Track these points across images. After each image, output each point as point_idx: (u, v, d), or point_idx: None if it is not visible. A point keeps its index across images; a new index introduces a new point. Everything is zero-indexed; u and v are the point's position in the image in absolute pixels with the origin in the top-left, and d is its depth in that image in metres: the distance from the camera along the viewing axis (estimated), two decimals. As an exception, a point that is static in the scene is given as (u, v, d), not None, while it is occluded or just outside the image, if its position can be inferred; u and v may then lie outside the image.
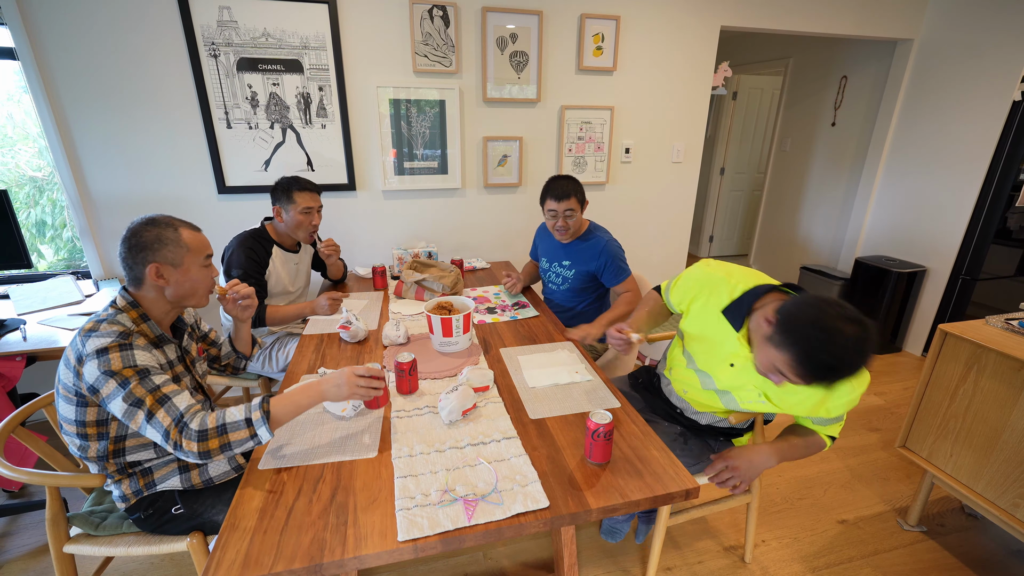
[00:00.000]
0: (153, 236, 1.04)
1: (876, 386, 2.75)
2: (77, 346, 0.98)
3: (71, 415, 1.01)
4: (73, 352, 0.98)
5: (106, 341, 0.96)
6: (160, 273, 1.05)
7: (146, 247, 1.03)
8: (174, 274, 1.07)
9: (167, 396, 0.98)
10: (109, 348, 0.96)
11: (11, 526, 1.75)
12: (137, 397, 0.95)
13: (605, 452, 1.02)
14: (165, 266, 1.05)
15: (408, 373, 1.27)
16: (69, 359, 0.99)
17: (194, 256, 1.09)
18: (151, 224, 1.05)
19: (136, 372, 0.97)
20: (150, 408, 0.96)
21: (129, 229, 1.05)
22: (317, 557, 0.81)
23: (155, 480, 1.13)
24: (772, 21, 2.71)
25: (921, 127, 3.01)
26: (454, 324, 1.48)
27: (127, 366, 0.96)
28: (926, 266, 3.03)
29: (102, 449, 1.05)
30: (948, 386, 1.57)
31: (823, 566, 1.61)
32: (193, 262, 1.09)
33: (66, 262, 2.42)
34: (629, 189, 2.88)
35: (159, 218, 1.07)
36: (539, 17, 2.40)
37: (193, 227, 1.12)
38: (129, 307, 1.06)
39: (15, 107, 2.18)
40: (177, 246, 1.06)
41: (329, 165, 2.38)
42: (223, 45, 2.10)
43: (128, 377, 0.96)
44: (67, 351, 1.00)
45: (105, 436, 1.04)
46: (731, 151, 4.90)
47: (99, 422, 1.02)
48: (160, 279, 1.05)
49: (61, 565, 1.17)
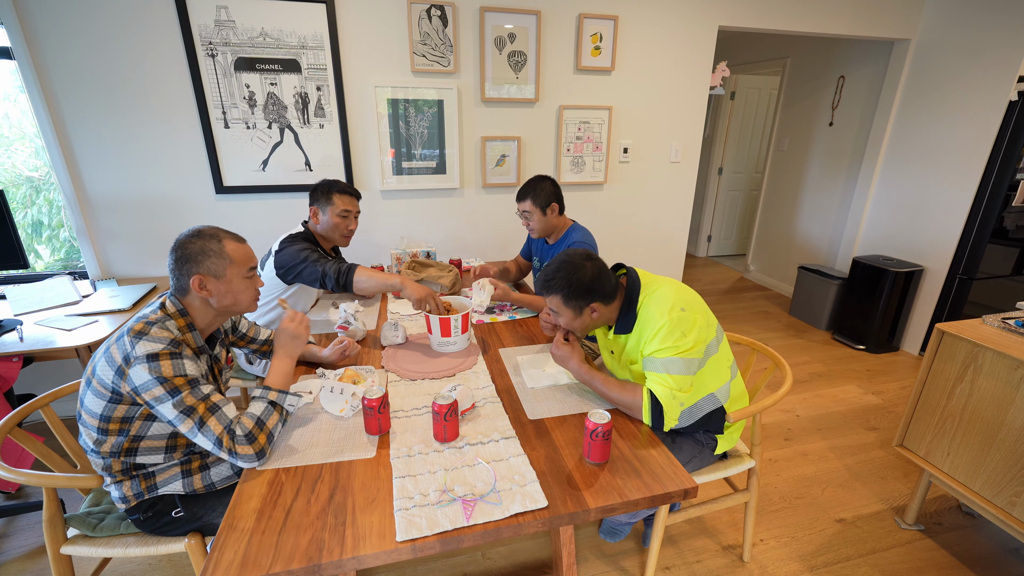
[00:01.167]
0: (197, 248, 1.07)
1: (874, 385, 2.76)
2: (125, 347, 0.98)
3: (97, 409, 1.02)
4: (120, 351, 0.99)
5: (157, 347, 0.98)
6: (203, 284, 1.08)
7: (190, 259, 1.07)
8: (217, 285, 1.10)
9: (217, 405, 1.02)
10: (160, 355, 0.98)
11: (8, 527, 1.75)
12: (188, 405, 0.99)
13: (604, 452, 1.03)
14: (208, 277, 1.08)
15: (378, 411, 1.09)
16: (114, 357, 0.99)
17: (237, 268, 1.11)
18: (196, 236, 1.09)
19: (187, 381, 1.00)
20: (202, 416, 0.99)
21: (177, 241, 1.08)
22: (315, 557, 0.81)
23: (157, 484, 1.13)
24: (770, 21, 2.72)
25: (918, 127, 3.02)
26: (452, 324, 1.48)
27: (178, 374, 0.99)
28: (923, 265, 3.04)
29: (116, 445, 1.05)
30: (945, 385, 1.58)
31: (821, 565, 1.62)
32: (236, 274, 1.12)
33: (63, 262, 2.42)
34: (627, 189, 2.88)
35: (205, 230, 1.10)
36: (537, 17, 2.40)
37: (238, 239, 1.14)
38: (178, 315, 1.08)
39: (11, 107, 2.17)
40: (220, 258, 1.09)
41: (327, 165, 2.38)
42: (221, 45, 2.10)
43: (179, 386, 0.99)
44: (111, 348, 1.00)
45: (124, 433, 1.05)
46: (729, 151, 4.91)
47: (124, 419, 1.03)
48: (203, 290, 1.08)
49: (58, 566, 1.17)
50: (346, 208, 1.78)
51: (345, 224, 1.80)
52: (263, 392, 1.09)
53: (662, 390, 1.15)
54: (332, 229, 1.79)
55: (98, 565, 1.35)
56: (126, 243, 2.26)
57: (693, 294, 1.27)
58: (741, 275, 4.71)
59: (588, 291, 1.21)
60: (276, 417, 1.07)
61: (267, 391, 1.09)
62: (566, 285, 1.21)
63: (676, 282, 1.29)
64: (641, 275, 1.30)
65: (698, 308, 1.23)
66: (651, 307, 1.21)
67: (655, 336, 1.18)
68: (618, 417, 1.20)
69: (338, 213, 1.77)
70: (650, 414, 1.16)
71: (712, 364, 1.26)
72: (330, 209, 1.76)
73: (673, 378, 1.15)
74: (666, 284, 1.26)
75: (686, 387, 1.17)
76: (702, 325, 1.21)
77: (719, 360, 1.28)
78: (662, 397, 1.14)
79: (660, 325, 1.17)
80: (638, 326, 1.24)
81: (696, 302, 1.25)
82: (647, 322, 1.21)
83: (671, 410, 1.15)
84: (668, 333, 1.16)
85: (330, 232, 1.80)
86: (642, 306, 1.24)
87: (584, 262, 1.23)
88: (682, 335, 1.16)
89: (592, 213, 2.87)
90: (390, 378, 1.38)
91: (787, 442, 2.24)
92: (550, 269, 1.25)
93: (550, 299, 1.26)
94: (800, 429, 2.34)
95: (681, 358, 1.16)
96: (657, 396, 1.15)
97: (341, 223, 1.79)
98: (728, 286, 4.43)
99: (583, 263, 1.23)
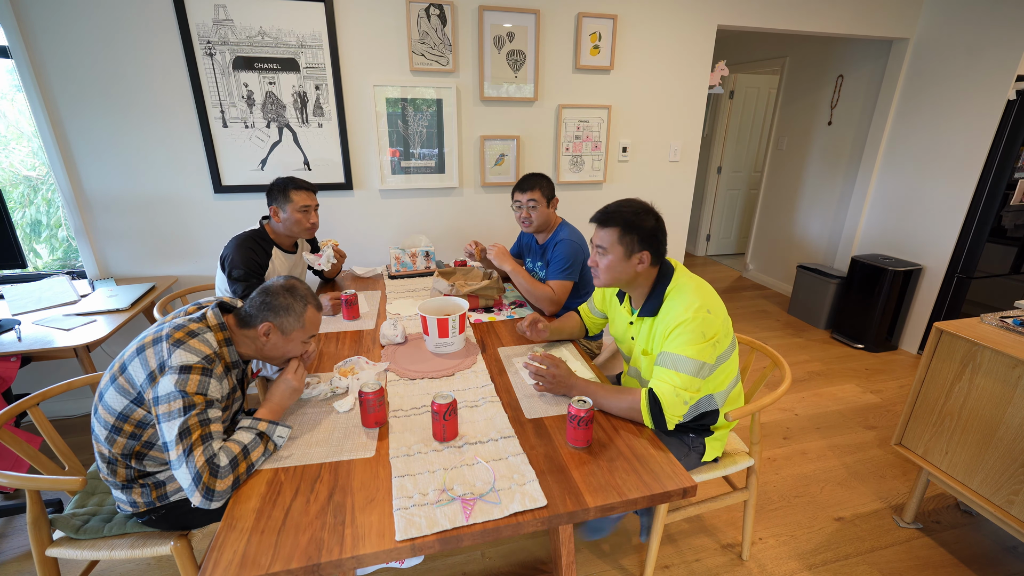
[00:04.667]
0: (285, 304, 1.13)
1: (872, 384, 2.77)
2: (162, 353, 0.98)
3: (117, 406, 1.01)
4: (156, 357, 0.98)
5: (193, 359, 0.98)
6: (268, 332, 1.12)
7: (272, 308, 1.12)
8: (278, 339, 1.14)
9: (211, 435, 0.98)
10: (193, 368, 0.98)
11: (6, 528, 1.74)
12: (189, 426, 0.95)
13: (586, 437, 1.08)
14: (276, 330, 1.13)
15: (376, 405, 1.12)
16: (148, 361, 0.98)
17: (303, 333, 1.17)
18: (289, 292, 1.14)
19: (204, 401, 0.99)
20: (193, 443, 0.94)
21: (272, 286, 1.14)
22: (315, 557, 0.81)
23: (168, 493, 1.13)
24: (769, 20, 2.72)
25: (917, 126, 3.02)
26: (450, 324, 1.47)
27: (199, 392, 0.98)
28: (922, 264, 3.04)
29: (128, 448, 1.04)
30: (944, 384, 1.58)
31: (820, 563, 1.62)
32: (299, 337, 1.17)
33: (61, 262, 2.41)
34: (626, 188, 2.88)
35: (299, 288, 1.16)
36: (536, 16, 2.40)
37: (318, 306, 1.20)
38: (218, 328, 1.09)
39: (9, 106, 2.17)
40: (297, 320, 1.14)
41: (326, 164, 2.38)
42: (219, 44, 2.09)
43: (195, 404, 0.97)
44: (147, 351, 0.99)
45: (138, 437, 1.04)
46: (728, 150, 4.91)
47: (140, 423, 1.02)
48: (265, 337, 1.12)
49: (44, 569, 1.16)
50: (305, 203, 1.83)
51: (307, 218, 1.85)
52: (253, 422, 1.06)
53: (665, 387, 1.14)
54: (295, 224, 1.83)
55: (86, 567, 1.34)
56: (124, 243, 2.25)
57: (719, 300, 1.25)
58: (740, 274, 4.72)
59: (647, 235, 1.21)
60: (261, 450, 1.02)
61: (257, 421, 1.06)
62: (630, 219, 1.21)
63: (708, 285, 1.27)
64: (678, 268, 1.29)
65: (721, 315, 1.21)
66: (678, 299, 1.20)
67: (675, 329, 1.16)
68: (617, 416, 1.21)
69: (298, 209, 1.81)
70: (649, 415, 1.15)
71: (720, 370, 1.26)
72: (289, 206, 1.80)
73: (680, 376, 1.14)
74: (698, 283, 1.25)
75: (692, 388, 1.15)
76: (722, 333, 1.19)
77: (727, 367, 1.28)
78: (664, 394, 1.13)
79: (683, 320, 1.16)
80: (662, 312, 1.23)
81: (721, 309, 1.23)
82: (671, 312, 1.19)
83: (673, 407, 1.13)
84: (690, 331, 1.15)
85: (293, 228, 1.84)
86: (669, 295, 1.23)
87: (650, 213, 1.23)
88: (702, 336, 1.15)
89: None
90: (389, 377, 1.38)
91: (786, 441, 2.25)
92: (614, 203, 1.26)
93: (605, 232, 1.24)
94: (799, 428, 2.34)
95: (694, 359, 1.14)
96: (657, 394, 1.14)
97: (303, 218, 1.83)
98: (727, 285, 4.43)
99: (649, 210, 1.23)
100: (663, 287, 1.24)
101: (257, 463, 1.01)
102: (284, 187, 1.80)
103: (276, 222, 1.84)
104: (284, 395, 1.17)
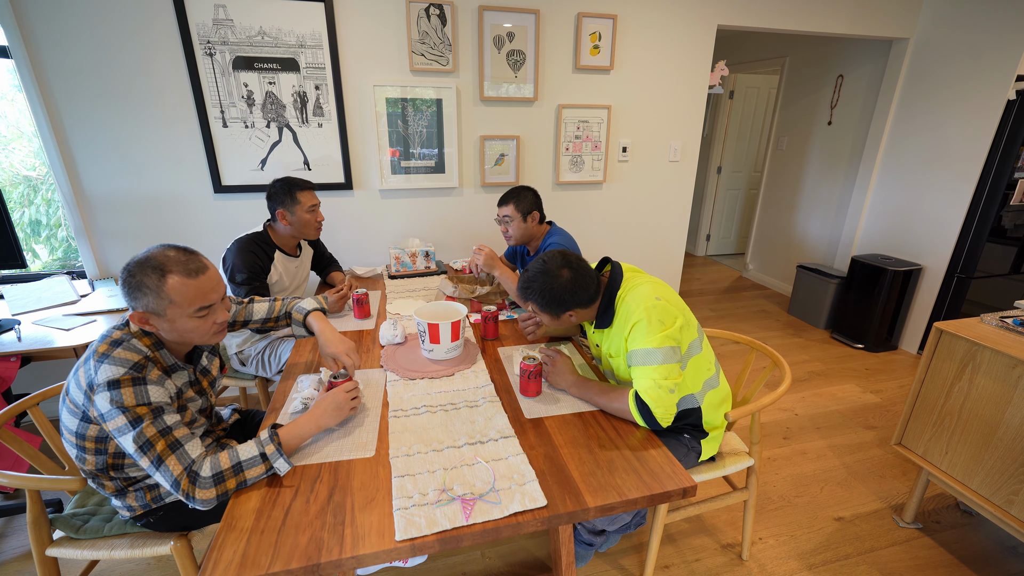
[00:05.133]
0: (137, 282, 0.94)
1: (872, 384, 2.77)
2: (89, 370, 0.92)
3: (73, 427, 0.98)
4: (85, 376, 0.93)
5: (119, 372, 0.91)
6: (145, 320, 0.97)
7: (130, 291, 0.95)
8: (160, 322, 0.97)
9: (179, 442, 0.93)
10: (121, 381, 0.90)
11: (6, 527, 1.74)
12: (147, 439, 0.91)
13: (536, 388, 1.26)
14: (147, 314, 0.96)
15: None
16: (80, 380, 0.94)
17: (178, 308, 0.96)
18: (139, 266, 0.94)
19: (150, 410, 0.92)
20: (160, 453, 0.91)
21: (126, 264, 0.96)
22: (315, 557, 0.81)
23: (162, 494, 1.12)
24: (769, 20, 2.72)
25: (917, 126, 3.02)
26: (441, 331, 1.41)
27: (140, 403, 0.91)
28: (922, 264, 3.04)
29: (100, 463, 1.01)
30: (943, 384, 1.58)
31: (820, 563, 1.62)
32: (179, 314, 0.97)
33: (61, 262, 2.41)
34: (626, 188, 2.88)
35: (152, 258, 0.95)
36: (536, 16, 2.40)
37: (189, 272, 0.97)
38: (141, 333, 0.99)
39: (9, 106, 2.17)
40: (158, 296, 0.94)
41: (326, 164, 2.38)
42: (219, 43, 2.09)
43: (141, 415, 0.91)
44: (79, 371, 0.95)
45: (103, 452, 1.00)
46: (728, 150, 4.91)
47: (99, 439, 0.99)
48: (147, 325, 0.98)
49: (44, 569, 1.16)
50: (312, 203, 1.84)
51: (315, 218, 1.86)
52: (266, 439, 0.98)
53: (646, 383, 1.15)
54: (305, 226, 1.84)
55: (86, 567, 1.34)
56: (124, 242, 2.25)
57: (671, 291, 1.27)
58: (740, 274, 4.72)
59: (563, 302, 1.24)
60: (259, 472, 0.96)
61: (269, 442, 0.98)
62: (541, 296, 1.24)
63: (657, 280, 1.29)
64: (626, 270, 1.31)
65: (675, 303, 1.24)
66: (629, 303, 1.22)
67: (633, 330, 1.19)
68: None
69: (307, 210, 1.82)
70: (639, 414, 1.15)
71: (694, 365, 1.26)
72: (298, 208, 1.80)
73: (655, 368, 1.15)
74: (646, 281, 1.27)
75: (673, 375, 1.15)
76: (682, 320, 1.21)
77: (700, 361, 1.28)
78: (647, 390, 1.13)
79: (638, 319, 1.18)
80: (617, 321, 1.25)
81: (673, 297, 1.25)
82: (626, 318, 1.22)
83: (660, 401, 1.13)
84: (646, 324, 1.17)
85: (303, 229, 1.84)
86: (620, 302, 1.25)
87: (560, 270, 1.23)
88: (660, 324, 1.17)
89: (591, 212, 2.87)
90: (389, 377, 1.38)
91: (786, 441, 2.25)
92: (527, 276, 1.27)
93: (529, 304, 1.29)
94: (799, 428, 2.34)
95: (660, 348, 1.15)
96: (640, 393, 1.14)
97: (311, 218, 1.84)
98: (727, 285, 4.43)
99: (559, 272, 1.23)
100: (611, 297, 1.27)
101: (251, 482, 0.96)
102: (289, 190, 1.78)
103: (284, 225, 1.81)
104: (326, 412, 1.08)
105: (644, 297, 1.20)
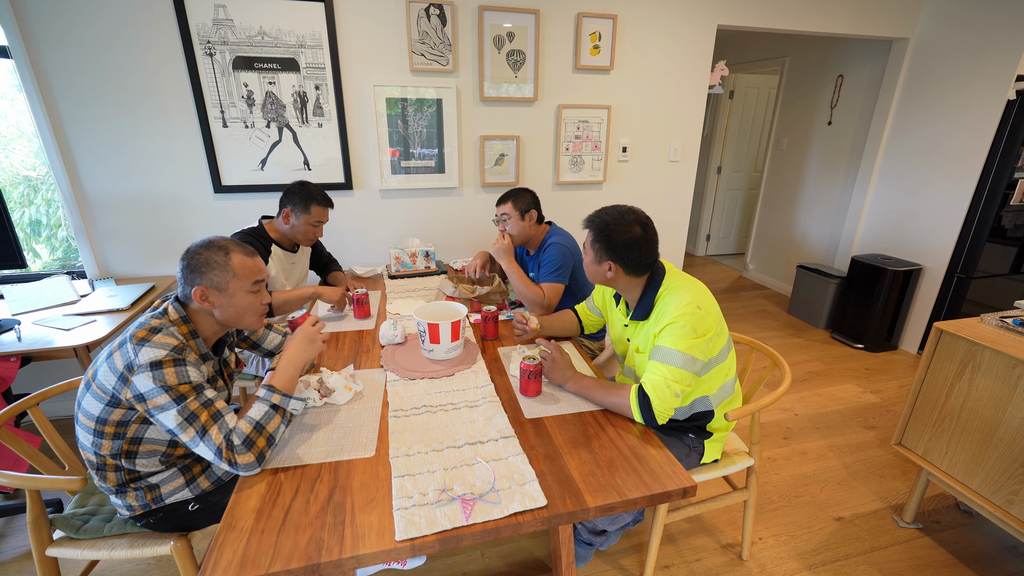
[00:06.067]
0: (203, 259, 1.06)
1: (872, 384, 2.77)
2: (128, 353, 0.97)
3: (95, 411, 1.01)
4: (122, 358, 0.97)
5: (160, 354, 0.97)
6: (205, 296, 1.07)
7: (195, 269, 1.06)
8: (219, 298, 1.08)
9: (220, 413, 1.01)
10: (164, 362, 0.97)
11: (6, 527, 1.74)
12: (192, 411, 0.97)
13: (536, 388, 1.26)
14: (210, 290, 1.07)
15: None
16: (116, 364, 0.98)
17: (240, 282, 1.10)
18: (205, 247, 1.08)
19: (192, 387, 0.99)
20: (204, 424, 0.98)
21: (187, 249, 1.08)
22: (315, 557, 0.81)
23: (163, 495, 1.13)
24: (769, 20, 2.72)
25: (916, 126, 3.02)
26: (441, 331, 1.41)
27: (183, 382, 0.98)
28: (922, 264, 3.04)
29: (116, 448, 1.04)
30: (943, 384, 1.58)
31: (819, 563, 1.62)
32: (239, 288, 1.10)
33: (61, 262, 2.41)
34: (626, 188, 2.88)
35: (215, 241, 1.10)
36: (536, 16, 2.40)
37: (248, 252, 1.13)
38: (181, 322, 1.07)
39: (9, 106, 2.17)
40: (224, 271, 1.07)
41: (326, 164, 2.38)
42: (219, 43, 2.09)
43: (184, 393, 0.98)
44: (114, 355, 0.99)
45: (122, 436, 1.03)
46: (728, 150, 4.92)
47: (120, 423, 1.02)
48: (205, 302, 1.07)
49: (44, 568, 1.16)
50: (320, 219, 1.85)
51: (315, 232, 1.87)
52: (267, 393, 1.07)
53: (655, 378, 1.15)
54: (302, 234, 1.85)
55: (86, 567, 1.34)
56: (124, 242, 2.25)
57: (712, 299, 1.27)
58: (740, 274, 4.72)
59: (615, 247, 1.24)
60: (278, 421, 1.04)
61: (271, 393, 1.07)
62: (602, 230, 1.26)
63: (701, 284, 1.29)
64: (669, 270, 1.31)
65: (713, 312, 1.23)
66: (669, 303, 1.22)
67: (666, 328, 1.18)
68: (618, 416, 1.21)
69: (311, 223, 1.83)
70: (639, 410, 1.16)
71: (715, 372, 1.26)
72: (305, 217, 1.81)
73: (670, 369, 1.15)
74: (691, 283, 1.27)
75: (684, 381, 1.16)
76: (715, 331, 1.21)
77: (722, 369, 1.28)
78: (655, 385, 1.14)
79: (673, 320, 1.18)
80: (655, 315, 1.25)
81: (714, 306, 1.25)
82: (662, 315, 1.21)
83: (664, 399, 1.14)
84: (681, 327, 1.16)
85: (298, 235, 1.86)
86: (660, 298, 1.25)
87: (634, 224, 1.24)
88: (693, 332, 1.16)
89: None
90: (389, 377, 1.38)
91: (786, 441, 2.25)
92: (603, 209, 1.29)
93: (586, 232, 1.31)
94: (799, 428, 2.34)
95: (684, 353, 1.15)
96: (646, 388, 1.15)
97: (312, 231, 1.85)
98: (727, 285, 4.43)
99: (632, 223, 1.24)
100: (654, 291, 1.26)
101: (277, 434, 1.04)
102: (308, 198, 1.79)
103: (284, 224, 1.83)
104: (299, 346, 1.16)
105: (686, 303, 1.19)
